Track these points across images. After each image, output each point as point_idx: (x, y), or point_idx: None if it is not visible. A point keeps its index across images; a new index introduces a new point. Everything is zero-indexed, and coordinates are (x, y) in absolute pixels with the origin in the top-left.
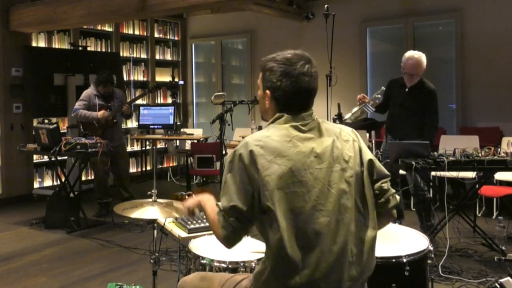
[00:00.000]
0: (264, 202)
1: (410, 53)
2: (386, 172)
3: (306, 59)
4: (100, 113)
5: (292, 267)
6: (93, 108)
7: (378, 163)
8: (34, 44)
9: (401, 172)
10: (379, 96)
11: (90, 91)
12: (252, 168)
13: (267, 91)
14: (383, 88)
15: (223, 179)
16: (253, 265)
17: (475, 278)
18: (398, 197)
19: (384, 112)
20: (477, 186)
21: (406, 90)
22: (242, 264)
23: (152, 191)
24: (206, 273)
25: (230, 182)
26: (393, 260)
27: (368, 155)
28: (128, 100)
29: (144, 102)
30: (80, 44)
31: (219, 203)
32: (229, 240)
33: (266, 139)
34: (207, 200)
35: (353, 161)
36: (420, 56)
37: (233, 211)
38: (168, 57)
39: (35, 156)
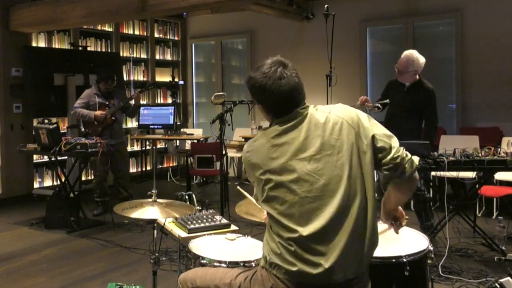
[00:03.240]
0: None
1: (404, 52)
2: (389, 142)
3: (279, 63)
4: (97, 113)
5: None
6: (93, 107)
7: (380, 137)
8: (34, 44)
9: None
10: (380, 107)
11: (90, 90)
12: (248, 168)
13: (260, 105)
14: (387, 101)
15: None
16: (253, 264)
17: (475, 278)
18: (416, 160)
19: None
20: (477, 186)
21: (405, 89)
22: (242, 264)
23: (152, 191)
24: (208, 268)
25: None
26: (393, 260)
27: (369, 132)
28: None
29: (144, 102)
30: (80, 44)
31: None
32: None
33: (253, 144)
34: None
35: (342, 144)
36: (410, 53)
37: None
38: (168, 57)
39: (35, 156)
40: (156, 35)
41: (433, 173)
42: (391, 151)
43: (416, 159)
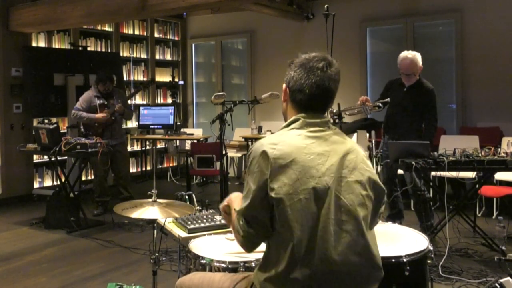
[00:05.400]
0: (277, 203)
1: (403, 54)
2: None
3: (324, 58)
4: (98, 116)
5: (296, 274)
6: (93, 109)
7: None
8: (34, 44)
9: (399, 172)
10: (381, 106)
11: (90, 92)
12: (265, 171)
13: (284, 85)
14: (388, 99)
15: (245, 180)
16: (253, 265)
17: (475, 278)
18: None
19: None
20: (477, 186)
21: (405, 89)
22: (242, 264)
23: (152, 191)
24: (205, 273)
25: (249, 184)
26: (393, 260)
27: (381, 184)
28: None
29: (144, 102)
30: (80, 44)
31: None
32: (245, 245)
33: (282, 143)
34: (235, 197)
35: (367, 176)
36: (414, 55)
37: (249, 215)
38: (168, 57)
39: (35, 156)
40: (156, 35)
41: (433, 173)
42: None
43: None
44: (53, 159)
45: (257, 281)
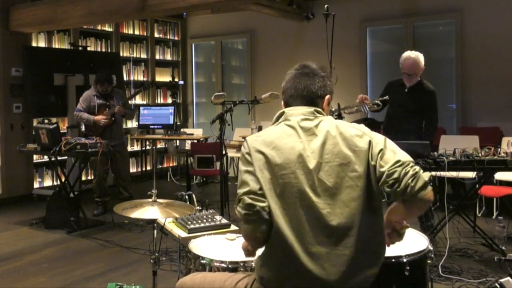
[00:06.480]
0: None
1: (406, 54)
2: (396, 158)
3: (301, 63)
4: (96, 118)
5: (287, 256)
6: (93, 109)
7: (387, 153)
8: (34, 44)
9: None
10: (380, 104)
11: (89, 91)
12: (250, 157)
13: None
14: (386, 97)
15: (239, 175)
16: (253, 264)
17: (475, 278)
18: (426, 176)
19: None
20: (477, 186)
21: (406, 90)
22: (242, 264)
23: (152, 191)
24: (206, 273)
25: (242, 173)
26: (393, 260)
27: (378, 147)
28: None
29: (144, 102)
30: (80, 44)
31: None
32: (253, 230)
33: (264, 135)
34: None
35: (356, 155)
36: (416, 55)
37: (248, 193)
38: (168, 57)
39: (35, 156)
40: (156, 35)
41: (433, 173)
42: None
43: None
44: (53, 159)
45: (256, 273)
